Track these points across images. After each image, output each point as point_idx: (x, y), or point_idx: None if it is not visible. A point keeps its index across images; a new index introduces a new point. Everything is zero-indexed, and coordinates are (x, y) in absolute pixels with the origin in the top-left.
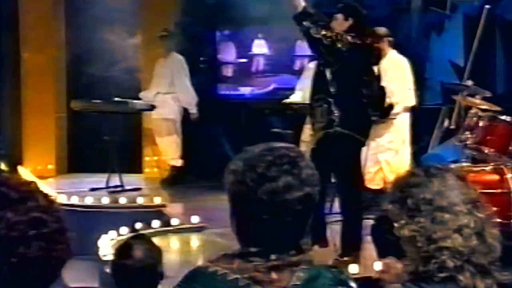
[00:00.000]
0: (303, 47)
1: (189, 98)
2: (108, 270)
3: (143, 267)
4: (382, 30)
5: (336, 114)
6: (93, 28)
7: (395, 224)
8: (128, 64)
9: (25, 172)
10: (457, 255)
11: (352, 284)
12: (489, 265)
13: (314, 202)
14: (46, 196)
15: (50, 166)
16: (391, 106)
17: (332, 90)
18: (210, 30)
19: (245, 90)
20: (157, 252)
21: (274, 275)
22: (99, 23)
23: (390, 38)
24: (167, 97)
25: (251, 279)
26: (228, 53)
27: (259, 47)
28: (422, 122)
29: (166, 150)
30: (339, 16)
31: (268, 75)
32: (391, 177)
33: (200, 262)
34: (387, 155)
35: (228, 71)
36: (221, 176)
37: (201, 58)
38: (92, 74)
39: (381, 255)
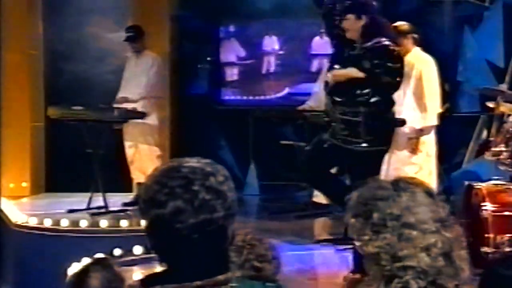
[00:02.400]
0: (321, 45)
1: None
2: None
3: None
4: (405, 26)
5: (353, 126)
6: (75, 21)
7: (357, 241)
8: (117, 62)
9: None
10: (422, 276)
11: None
12: None
13: (222, 228)
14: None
15: (24, 184)
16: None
17: (346, 98)
18: (212, 26)
19: (253, 96)
20: (118, 281)
21: None
22: (82, 14)
23: (415, 35)
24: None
25: None
26: (233, 53)
27: (270, 45)
28: (456, 133)
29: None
30: (350, 16)
31: (281, 78)
32: None
33: None
34: (409, 170)
35: (233, 74)
36: None
37: (201, 58)
38: (74, 76)
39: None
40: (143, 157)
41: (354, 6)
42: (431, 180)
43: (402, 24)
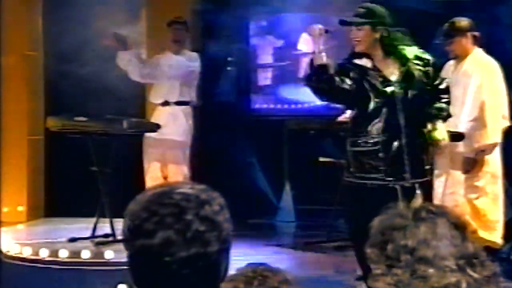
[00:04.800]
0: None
1: None
2: None
3: None
4: (463, 22)
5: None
6: (80, 15)
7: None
8: None
9: None
10: None
11: None
12: None
13: (216, 264)
14: None
15: (20, 208)
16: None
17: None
18: (241, 21)
19: (289, 104)
20: None
21: None
22: (88, 7)
23: (475, 33)
24: (177, 109)
25: None
26: (266, 53)
27: (309, 43)
28: None
29: None
30: (366, 27)
31: None
32: (477, 227)
33: None
34: (469, 195)
35: (265, 78)
36: (254, 223)
37: (228, 59)
38: (79, 80)
39: None
40: (171, 179)
41: (368, 14)
42: (496, 207)
43: (459, 20)
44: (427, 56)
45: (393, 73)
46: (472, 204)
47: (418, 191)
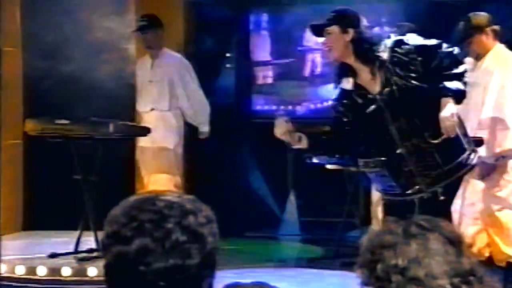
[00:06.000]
0: (381, 34)
1: (202, 113)
2: None
3: None
4: (479, 18)
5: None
6: (62, 8)
7: None
8: (117, 60)
9: None
10: None
11: None
12: None
13: (196, 279)
14: None
15: None
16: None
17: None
18: (239, 14)
19: (293, 105)
20: None
21: None
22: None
23: (495, 27)
24: (167, 115)
25: None
26: (267, 49)
27: (313, 39)
28: None
29: None
30: (334, 28)
31: (328, 82)
32: (500, 242)
33: None
34: (490, 207)
35: (266, 76)
36: (254, 237)
37: (226, 55)
38: (61, 78)
39: None
40: (160, 188)
41: (337, 16)
42: None
43: (475, 16)
44: (411, 40)
45: (376, 84)
46: (494, 216)
47: (442, 197)
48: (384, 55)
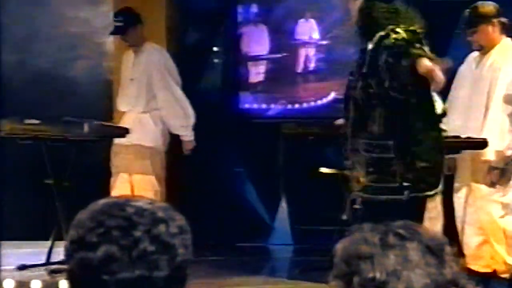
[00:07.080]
0: None
1: (180, 117)
2: None
3: None
4: (487, 7)
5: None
6: None
7: None
8: (93, 55)
9: None
10: None
11: None
12: None
13: None
14: None
15: None
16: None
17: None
18: (227, 6)
19: (285, 104)
20: None
21: None
22: None
23: (503, 19)
24: (144, 116)
25: None
26: (257, 43)
27: (307, 32)
28: None
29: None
30: None
31: (324, 78)
32: (504, 251)
33: None
34: (493, 212)
35: (257, 72)
36: (242, 247)
37: (214, 49)
38: (32, 74)
39: None
40: (137, 192)
41: None
42: None
43: (483, 5)
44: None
45: None
46: (497, 224)
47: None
48: None
